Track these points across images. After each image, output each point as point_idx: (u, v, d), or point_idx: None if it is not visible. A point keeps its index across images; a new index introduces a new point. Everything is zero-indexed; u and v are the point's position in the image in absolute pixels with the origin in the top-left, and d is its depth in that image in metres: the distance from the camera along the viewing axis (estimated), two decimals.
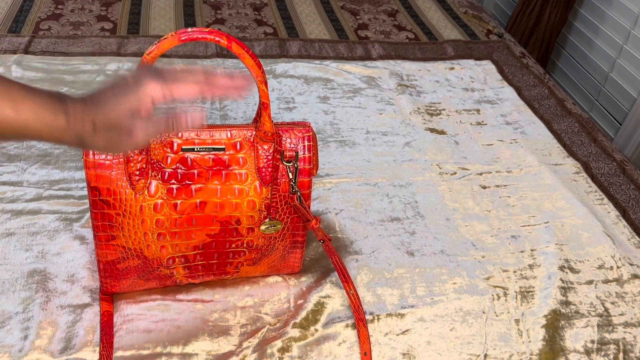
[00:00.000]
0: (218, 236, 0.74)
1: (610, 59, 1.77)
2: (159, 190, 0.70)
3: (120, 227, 0.70)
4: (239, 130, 0.71)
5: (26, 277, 0.80)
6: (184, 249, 0.74)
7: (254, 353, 0.74)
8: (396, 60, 1.45)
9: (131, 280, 0.76)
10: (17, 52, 1.28)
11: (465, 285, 0.87)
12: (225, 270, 0.79)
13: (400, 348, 0.78)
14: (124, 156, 0.68)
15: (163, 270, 0.75)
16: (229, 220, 0.73)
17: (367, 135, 1.18)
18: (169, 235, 0.72)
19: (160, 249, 0.73)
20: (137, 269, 0.74)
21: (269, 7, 1.67)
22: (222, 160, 0.71)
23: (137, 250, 0.72)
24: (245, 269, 0.80)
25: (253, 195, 0.72)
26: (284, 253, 0.80)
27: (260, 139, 0.71)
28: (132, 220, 0.70)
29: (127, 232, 0.71)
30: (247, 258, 0.78)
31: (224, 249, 0.75)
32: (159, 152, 0.69)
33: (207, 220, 0.72)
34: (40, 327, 0.74)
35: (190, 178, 0.70)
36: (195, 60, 1.34)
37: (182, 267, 0.76)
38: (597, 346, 0.82)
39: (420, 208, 1.01)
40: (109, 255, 0.72)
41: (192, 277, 0.78)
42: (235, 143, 0.71)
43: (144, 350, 0.73)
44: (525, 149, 1.19)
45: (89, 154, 0.68)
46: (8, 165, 0.98)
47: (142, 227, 0.70)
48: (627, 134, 1.69)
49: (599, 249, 0.96)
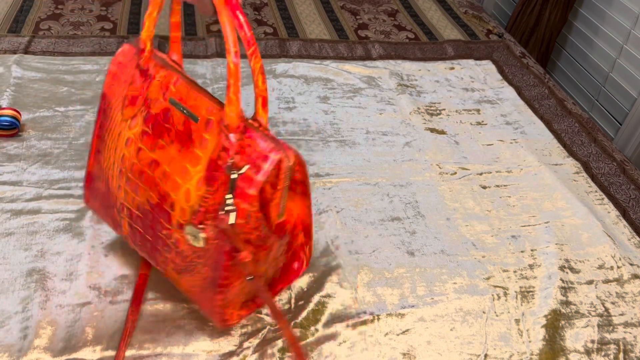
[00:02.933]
0: (155, 210, 0.67)
1: (610, 59, 1.77)
2: (136, 127, 0.68)
3: (104, 143, 0.71)
4: (217, 109, 0.62)
5: (25, 277, 0.80)
6: (131, 202, 0.70)
7: (255, 353, 0.74)
8: (396, 60, 1.45)
9: (98, 203, 0.76)
10: (17, 52, 1.28)
11: (465, 285, 0.87)
12: (155, 258, 0.72)
13: (401, 348, 0.77)
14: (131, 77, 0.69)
15: (115, 214, 0.74)
16: (166, 197, 0.65)
17: (367, 135, 1.18)
18: (125, 178, 0.70)
19: (118, 188, 0.71)
20: (102, 196, 0.74)
21: (269, 7, 1.67)
22: (190, 131, 0.64)
23: (106, 176, 0.72)
24: (171, 273, 0.71)
25: (193, 186, 0.63)
26: (205, 285, 0.67)
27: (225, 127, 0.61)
28: (112, 142, 0.70)
29: (106, 152, 0.71)
30: (172, 258, 0.69)
31: (157, 230, 0.68)
32: (156, 91, 0.68)
33: (151, 183, 0.66)
34: (40, 327, 0.74)
35: (161, 132, 0.66)
36: (195, 60, 1.33)
37: (127, 222, 0.73)
38: (598, 346, 0.82)
39: (421, 208, 1.01)
40: (94, 167, 0.74)
41: (133, 241, 0.74)
42: (209, 120, 0.62)
43: (144, 351, 0.73)
44: (525, 149, 1.19)
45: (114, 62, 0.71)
46: (8, 165, 0.98)
47: (114, 154, 0.70)
48: (627, 134, 1.68)
49: (599, 249, 0.96)
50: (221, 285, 0.66)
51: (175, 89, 0.67)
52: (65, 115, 1.11)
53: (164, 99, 0.67)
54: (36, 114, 1.10)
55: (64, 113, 1.12)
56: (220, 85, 1.26)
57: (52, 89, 1.18)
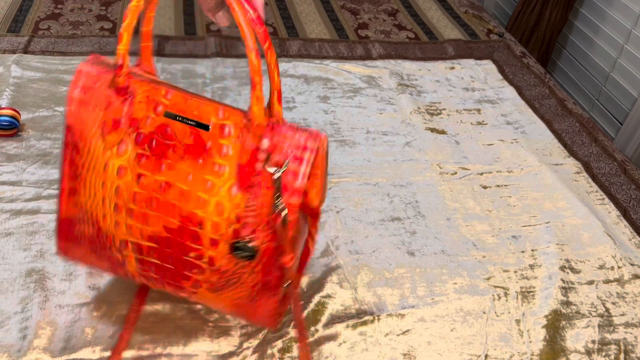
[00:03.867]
0: (176, 234, 0.62)
1: (611, 58, 1.77)
2: (128, 153, 0.60)
3: (82, 181, 0.62)
4: (232, 112, 0.59)
5: (24, 277, 0.79)
6: (139, 235, 0.63)
7: (255, 354, 0.74)
8: (396, 60, 1.45)
9: (84, 250, 0.67)
10: (17, 51, 1.28)
11: (465, 285, 0.87)
12: (180, 285, 0.66)
13: (401, 348, 0.77)
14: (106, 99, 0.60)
15: (115, 253, 0.65)
16: (191, 218, 0.60)
17: (368, 135, 1.17)
18: (125, 211, 0.62)
19: (115, 225, 0.63)
20: (90, 240, 0.65)
21: (269, 7, 1.66)
22: (203, 141, 0.59)
23: (94, 217, 0.63)
24: (204, 294, 0.66)
25: (225, 196, 0.59)
26: (253, 294, 0.65)
27: (249, 130, 0.58)
28: (95, 178, 0.62)
29: (87, 190, 0.62)
30: (206, 279, 0.64)
31: (181, 254, 0.63)
32: (142, 109, 0.60)
33: (167, 208, 0.61)
34: (39, 327, 0.73)
35: (163, 151, 0.60)
36: (195, 60, 1.33)
37: (134, 257, 0.65)
38: (598, 346, 0.81)
39: (421, 208, 1.01)
40: (68, 211, 0.64)
41: (145, 276, 0.67)
42: (223, 125, 0.59)
43: (144, 351, 0.73)
44: (525, 149, 1.19)
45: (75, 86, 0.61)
46: (7, 164, 0.97)
47: (102, 190, 0.62)
48: (628, 133, 1.68)
49: (599, 249, 0.96)
50: (277, 286, 0.64)
51: (169, 101, 0.61)
52: (64, 115, 1.11)
53: (156, 114, 0.60)
54: (35, 113, 1.10)
55: (63, 113, 1.12)
56: (220, 85, 1.26)
57: (52, 89, 1.18)
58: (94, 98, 0.61)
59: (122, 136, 0.61)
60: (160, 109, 0.61)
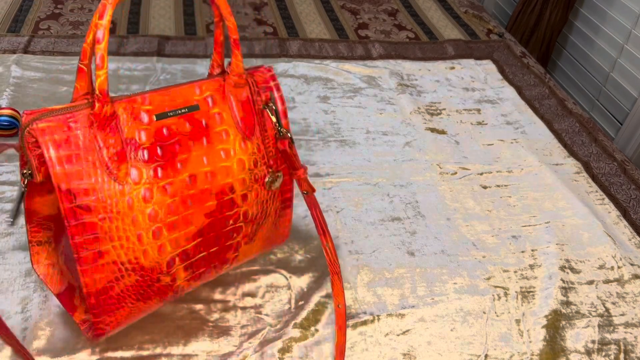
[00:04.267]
0: (216, 213, 0.64)
1: (611, 58, 1.77)
2: (143, 175, 0.58)
3: (107, 236, 0.57)
4: (206, 83, 0.63)
5: (24, 277, 0.79)
6: (184, 241, 0.63)
7: (255, 354, 0.74)
8: (396, 60, 1.45)
9: (128, 307, 0.63)
10: (17, 51, 1.28)
11: (465, 285, 0.87)
12: (225, 258, 0.69)
13: (401, 348, 0.77)
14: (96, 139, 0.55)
15: (163, 279, 0.64)
16: (224, 190, 0.64)
17: (367, 135, 1.17)
18: (166, 229, 0.61)
19: (159, 251, 0.61)
20: (134, 288, 0.61)
21: (269, 7, 1.66)
22: (198, 121, 0.62)
23: (133, 262, 0.59)
24: (244, 250, 0.71)
25: (239, 152, 0.64)
26: (276, 218, 0.72)
27: (234, 86, 0.63)
28: (122, 222, 0.57)
29: (117, 240, 0.57)
30: (244, 234, 0.69)
31: (222, 228, 0.66)
32: (130, 127, 0.58)
33: (202, 197, 0.62)
34: (39, 327, 0.73)
35: (172, 152, 0.60)
36: (195, 60, 1.33)
37: (182, 267, 0.65)
38: (598, 346, 0.81)
39: (421, 208, 1.01)
40: (100, 281, 0.58)
41: (193, 277, 0.68)
42: (206, 98, 0.63)
43: (144, 351, 0.73)
44: (525, 149, 1.19)
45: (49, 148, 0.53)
46: (7, 165, 0.97)
47: (134, 229, 0.58)
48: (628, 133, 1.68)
49: (599, 249, 0.96)
50: (291, 198, 0.73)
51: (151, 105, 0.60)
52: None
53: (147, 124, 0.59)
54: None
55: None
56: None
57: (52, 89, 1.18)
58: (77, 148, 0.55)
59: (129, 164, 0.58)
60: (146, 118, 0.60)
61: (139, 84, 1.23)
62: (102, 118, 0.56)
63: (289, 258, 0.88)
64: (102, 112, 0.56)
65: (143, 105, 0.60)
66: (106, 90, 0.55)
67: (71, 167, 0.55)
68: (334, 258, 0.74)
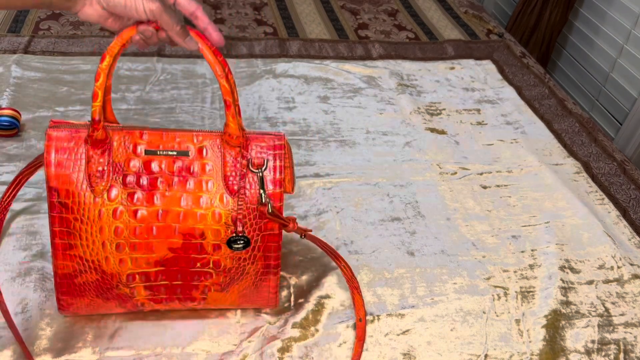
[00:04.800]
0: (181, 251, 0.69)
1: (610, 58, 1.77)
2: (120, 195, 0.66)
3: (78, 234, 0.66)
4: (206, 135, 0.68)
5: (24, 277, 0.79)
6: (145, 264, 0.69)
7: (254, 353, 0.74)
8: (396, 60, 1.45)
9: (89, 298, 0.71)
10: (17, 52, 1.28)
11: (465, 285, 0.87)
12: (190, 295, 0.73)
13: (401, 348, 0.77)
14: (86, 155, 0.65)
15: (122, 289, 0.70)
16: (193, 233, 0.68)
17: (367, 135, 1.17)
18: (128, 247, 0.68)
19: (119, 263, 0.68)
20: (95, 286, 0.69)
21: (269, 7, 1.67)
22: (187, 167, 0.67)
23: (95, 263, 0.68)
24: (214, 296, 0.73)
25: (218, 206, 0.68)
26: (256, 280, 0.73)
27: (226, 143, 0.68)
28: (91, 227, 0.66)
29: (84, 240, 0.67)
30: (214, 282, 0.72)
31: (188, 267, 0.70)
32: (122, 154, 0.66)
33: (168, 231, 0.68)
34: (39, 327, 0.74)
35: (153, 184, 0.67)
36: (195, 60, 1.33)
37: (143, 286, 0.70)
38: (598, 346, 0.81)
39: (421, 208, 1.01)
40: (66, 267, 0.68)
41: (154, 300, 0.72)
42: (201, 148, 0.68)
43: (144, 351, 0.73)
44: (525, 149, 1.19)
45: (50, 151, 0.64)
46: (8, 165, 0.98)
47: (100, 236, 0.66)
48: (628, 133, 1.68)
49: (599, 249, 0.96)
50: (277, 266, 0.73)
51: (146, 141, 0.67)
52: (64, 115, 1.11)
53: (137, 156, 0.67)
54: (36, 114, 1.10)
55: (63, 113, 1.12)
56: None
57: (52, 89, 1.18)
58: (71, 156, 0.66)
59: (109, 182, 0.66)
60: (140, 149, 0.67)
61: (139, 84, 1.23)
62: (94, 140, 0.66)
63: (289, 258, 0.88)
64: (94, 135, 0.65)
65: (140, 139, 0.67)
66: (97, 119, 0.64)
67: (61, 171, 0.65)
68: (351, 275, 0.78)
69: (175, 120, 1.14)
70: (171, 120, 1.14)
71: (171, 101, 1.19)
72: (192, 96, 1.22)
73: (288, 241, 0.90)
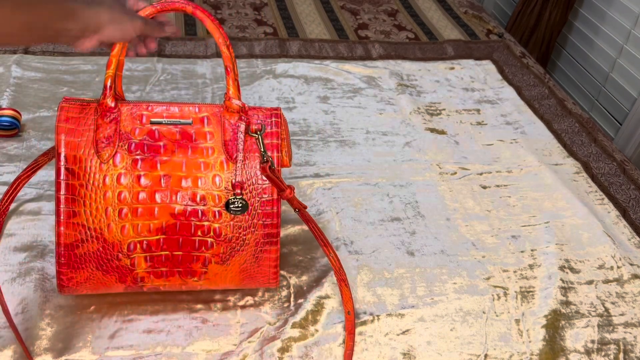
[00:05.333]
0: (183, 218, 0.71)
1: (610, 58, 1.77)
2: (124, 161, 0.69)
3: (82, 201, 0.68)
4: (208, 106, 0.73)
5: (24, 277, 0.80)
6: (146, 231, 0.70)
7: (254, 353, 0.74)
8: (396, 60, 1.45)
9: (88, 271, 0.71)
10: (17, 52, 1.28)
11: (465, 285, 0.87)
12: (191, 268, 0.73)
13: (401, 348, 0.77)
14: (94, 123, 0.69)
15: (123, 260, 0.71)
16: (194, 198, 0.70)
17: (367, 135, 1.17)
18: (131, 213, 0.69)
19: (121, 230, 0.70)
20: (95, 256, 0.70)
21: (269, 7, 1.67)
22: (188, 133, 0.71)
23: (97, 231, 0.69)
24: (214, 269, 0.74)
25: (219, 170, 0.71)
26: (257, 251, 0.74)
27: (227, 110, 0.71)
28: (95, 192, 0.68)
29: (88, 207, 0.69)
30: (215, 252, 0.73)
31: (189, 234, 0.71)
32: (129, 124, 0.70)
33: (170, 196, 0.70)
34: (40, 328, 0.74)
35: (156, 150, 0.70)
36: (195, 60, 1.33)
37: (143, 257, 0.71)
38: (598, 346, 0.82)
39: (421, 208, 1.01)
40: (69, 236, 0.69)
41: (154, 273, 0.72)
42: (202, 117, 0.72)
43: (144, 351, 0.73)
44: (525, 149, 1.19)
45: (61, 120, 0.68)
46: (8, 165, 0.98)
47: (104, 202, 0.69)
48: (628, 134, 1.68)
49: (599, 249, 0.96)
50: (276, 235, 0.75)
51: (152, 112, 0.71)
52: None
53: (142, 124, 0.70)
54: (36, 114, 1.10)
55: None
56: (220, 85, 1.26)
57: (52, 89, 1.18)
58: (81, 125, 0.69)
59: (115, 149, 0.69)
60: (145, 119, 0.71)
61: (140, 84, 1.23)
62: (104, 108, 0.69)
63: (289, 258, 0.88)
64: (104, 102, 0.69)
65: (145, 110, 0.71)
66: (108, 85, 0.69)
67: (70, 138, 0.69)
68: (339, 266, 0.77)
69: None
70: None
71: (171, 101, 1.19)
72: (192, 96, 1.22)
73: (288, 241, 0.91)
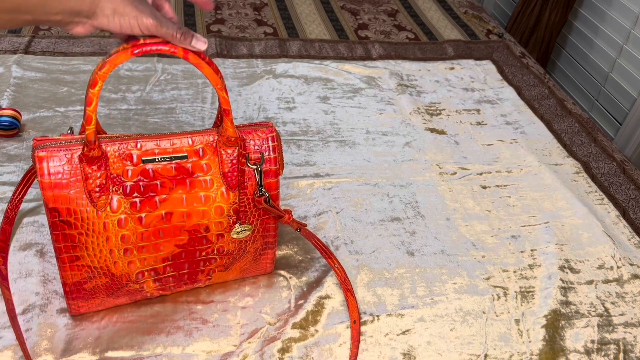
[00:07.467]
0: (187, 245, 0.72)
1: (610, 59, 1.77)
2: (122, 205, 0.67)
3: (84, 246, 0.67)
4: (201, 136, 0.69)
5: (24, 277, 0.80)
6: (153, 262, 0.71)
7: (254, 354, 0.74)
8: (396, 60, 1.45)
9: (100, 299, 0.73)
10: (17, 52, 1.28)
11: (465, 285, 0.87)
12: (196, 279, 0.77)
13: (401, 348, 0.78)
14: (82, 173, 0.64)
15: (132, 286, 0.73)
16: (197, 229, 0.71)
17: (367, 135, 1.18)
18: (136, 250, 0.70)
19: (128, 265, 0.70)
20: (105, 287, 0.72)
21: (269, 7, 1.67)
22: (185, 168, 0.68)
23: (104, 268, 0.69)
24: (218, 275, 0.78)
25: (220, 201, 0.71)
26: (256, 255, 0.79)
27: (224, 144, 0.69)
28: (96, 238, 0.67)
29: (91, 251, 0.68)
30: (218, 265, 0.76)
31: (194, 257, 0.73)
32: (118, 166, 0.66)
33: (174, 231, 0.70)
34: (40, 329, 0.74)
35: (153, 189, 0.68)
36: None
37: (152, 280, 0.73)
38: (598, 346, 0.82)
39: (421, 208, 1.01)
40: (75, 276, 0.69)
41: (163, 289, 0.76)
42: (197, 150, 0.69)
43: (144, 351, 0.73)
44: (525, 149, 1.19)
45: (44, 174, 0.63)
46: (8, 165, 0.98)
47: (107, 245, 0.68)
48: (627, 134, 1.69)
49: (599, 249, 0.96)
50: (274, 242, 0.79)
51: (141, 150, 0.67)
52: (65, 115, 1.11)
53: (134, 165, 0.66)
54: (36, 114, 1.10)
55: (64, 113, 1.12)
56: None
57: (52, 89, 1.18)
58: (67, 177, 0.64)
59: (110, 195, 0.66)
60: (136, 159, 0.67)
61: (140, 84, 1.23)
62: (90, 158, 0.65)
63: (289, 258, 0.88)
64: (90, 154, 0.64)
65: (135, 149, 0.67)
66: (92, 140, 0.63)
67: (58, 192, 0.64)
68: (344, 277, 0.80)
69: (175, 121, 1.14)
70: (171, 120, 1.14)
71: (171, 101, 1.20)
72: (192, 96, 1.22)
73: (288, 241, 0.91)
